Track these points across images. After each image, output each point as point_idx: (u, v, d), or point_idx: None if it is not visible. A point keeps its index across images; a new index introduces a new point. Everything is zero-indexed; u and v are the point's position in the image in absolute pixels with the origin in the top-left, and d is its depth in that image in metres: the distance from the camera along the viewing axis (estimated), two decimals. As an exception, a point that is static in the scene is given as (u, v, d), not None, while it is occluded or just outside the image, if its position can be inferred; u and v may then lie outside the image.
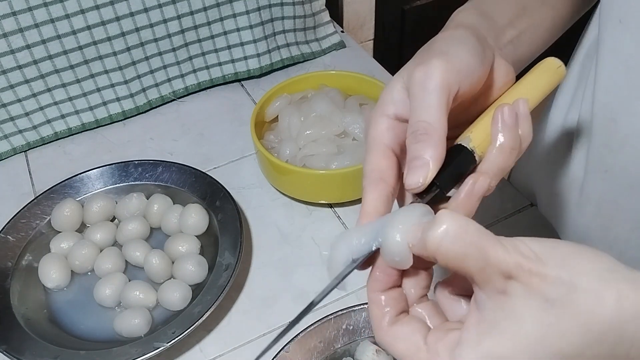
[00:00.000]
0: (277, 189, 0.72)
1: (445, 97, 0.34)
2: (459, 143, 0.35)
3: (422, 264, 0.32)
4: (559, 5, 0.49)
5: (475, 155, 0.35)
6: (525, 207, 0.68)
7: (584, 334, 0.26)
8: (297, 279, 0.63)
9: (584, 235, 0.57)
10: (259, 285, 0.63)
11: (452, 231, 0.27)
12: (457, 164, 0.35)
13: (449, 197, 0.35)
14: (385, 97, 0.37)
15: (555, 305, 0.26)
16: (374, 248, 0.32)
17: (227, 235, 0.63)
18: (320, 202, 0.70)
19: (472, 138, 0.35)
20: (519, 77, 0.41)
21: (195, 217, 0.64)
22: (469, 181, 0.34)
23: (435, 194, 0.34)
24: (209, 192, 0.67)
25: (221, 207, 0.66)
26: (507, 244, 0.27)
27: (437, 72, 0.34)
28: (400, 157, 0.37)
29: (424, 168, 0.33)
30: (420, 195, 0.34)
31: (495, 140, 0.35)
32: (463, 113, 0.38)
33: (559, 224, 0.62)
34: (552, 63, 0.40)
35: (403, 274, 0.33)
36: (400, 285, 0.33)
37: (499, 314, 0.27)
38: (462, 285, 0.32)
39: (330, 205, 0.70)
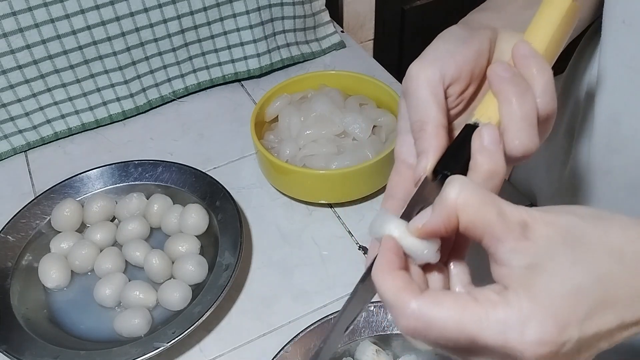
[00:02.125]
0: (277, 189, 0.72)
1: (429, 90, 0.35)
2: (465, 125, 0.35)
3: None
4: None
5: (480, 125, 0.33)
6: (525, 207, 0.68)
7: (610, 253, 0.28)
8: (297, 279, 0.63)
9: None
10: (259, 285, 0.63)
11: (468, 185, 0.29)
12: (459, 141, 0.34)
13: None
14: (398, 115, 0.39)
15: (575, 238, 0.28)
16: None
17: (227, 235, 0.63)
18: (320, 202, 0.70)
19: (474, 113, 0.35)
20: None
21: (195, 217, 0.64)
22: (475, 140, 0.33)
23: (443, 177, 0.33)
24: (209, 192, 0.67)
25: (221, 207, 0.65)
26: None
27: (411, 74, 0.36)
28: None
29: (424, 159, 0.34)
30: (430, 183, 0.34)
31: (500, 97, 0.33)
32: (477, 94, 0.38)
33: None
34: None
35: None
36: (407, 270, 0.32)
37: (532, 259, 0.27)
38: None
39: (330, 205, 0.70)
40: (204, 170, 0.70)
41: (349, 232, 0.67)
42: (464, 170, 0.33)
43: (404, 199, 0.36)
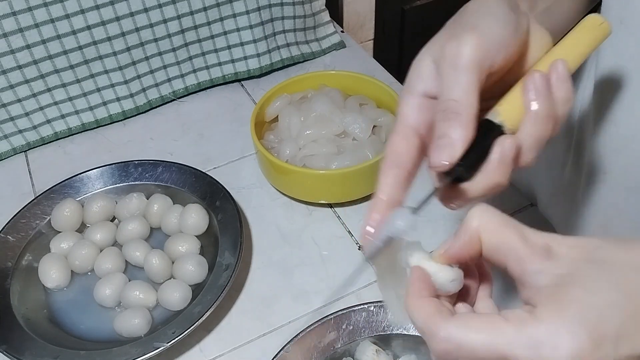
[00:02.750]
0: (277, 189, 0.72)
1: (477, 75, 0.33)
2: (486, 118, 0.34)
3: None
4: None
5: (504, 129, 0.34)
6: (525, 207, 0.68)
7: (636, 270, 0.27)
8: (297, 279, 0.63)
9: (584, 236, 0.57)
10: (259, 285, 0.63)
11: (489, 211, 0.29)
12: (483, 139, 0.33)
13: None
14: (414, 73, 0.36)
15: (600, 257, 0.28)
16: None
17: (227, 235, 0.63)
18: (320, 202, 0.70)
19: (501, 111, 0.34)
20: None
21: (195, 217, 0.64)
22: (497, 150, 0.33)
23: (458, 173, 0.33)
24: (209, 192, 0.67)
25: (221, 207, 0.65)
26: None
27: (468, 49, 0.33)
28: (427, 137, 0.36)
29: (450, 148, 0.32)
30: (444, 175, 0.33)
31: (529, 109, 0.34)
32: (497, 84, 0.37)
33: (559, 224, 0.62)
34: (594, 20, 0.38)
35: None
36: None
37: (559, 277, 0.27)
38: None
39: (330, 205, 0.70)
40: (204, 170, 0.70)
41: (349, 232, 0.67)
42: (476, 166, 0.33)
43: (411, 169, 0.35)
